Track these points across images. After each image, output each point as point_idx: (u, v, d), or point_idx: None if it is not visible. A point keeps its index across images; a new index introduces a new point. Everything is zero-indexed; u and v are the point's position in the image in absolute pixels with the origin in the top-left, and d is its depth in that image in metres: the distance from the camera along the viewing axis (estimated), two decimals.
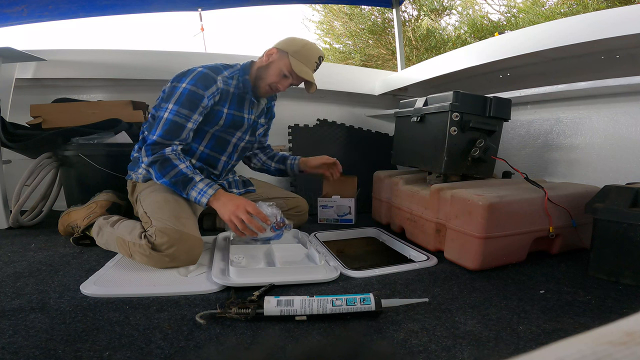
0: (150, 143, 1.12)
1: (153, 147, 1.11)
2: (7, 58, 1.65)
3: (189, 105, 1.13)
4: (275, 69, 1.22)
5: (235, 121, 1.27)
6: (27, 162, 1.49)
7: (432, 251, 1.19)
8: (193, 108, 1.14)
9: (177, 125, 1.13)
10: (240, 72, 1.26)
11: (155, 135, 1.13)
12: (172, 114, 1.13)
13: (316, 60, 1.24)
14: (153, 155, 1.11)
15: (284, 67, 1.21)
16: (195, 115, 1.15)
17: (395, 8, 2.54)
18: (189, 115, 1.14)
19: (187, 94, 1.13)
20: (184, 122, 1.13)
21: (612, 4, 5.29)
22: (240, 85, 1.25)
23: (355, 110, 2.39)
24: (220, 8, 2.41)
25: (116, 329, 0.71)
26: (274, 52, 1.22)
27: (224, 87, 1.21)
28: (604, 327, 0.17)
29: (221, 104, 1.23)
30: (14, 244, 1.26)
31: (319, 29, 7.84)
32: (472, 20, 6.95)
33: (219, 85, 1.19)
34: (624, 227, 0.91)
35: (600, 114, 1.39)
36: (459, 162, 1.24)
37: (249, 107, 1.30)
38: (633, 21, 1.03)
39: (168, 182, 1.11)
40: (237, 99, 1.26)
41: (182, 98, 1.13)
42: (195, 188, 1.10)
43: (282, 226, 1.17)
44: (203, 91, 1.14)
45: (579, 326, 0.74)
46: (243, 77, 1.25)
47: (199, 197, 1.10)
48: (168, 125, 1.12)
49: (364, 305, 0.75)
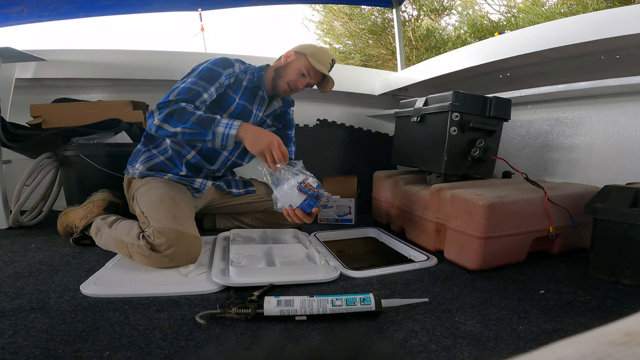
0: (162, 102, 1.09)
1: (166, 103, 1.09)
2: (7, 58, 1.65)
3: (207, 78, 1.17)
4: (294, 68, 1.28)
5: (243, 112, 1.29)
6: (27, 162, 1.49)
7: (432, 251, 1.19)
8: (211, 81, 1.17)
9: (194, 92, 1.13)
10: (256, 69, 1.32)
11: (167, 97, 1.11)
12: (190, 83, 1.14)
13: (330, 62, 1.31)
14: (168, 109, 1.07)
15: (303, 66, 1.27)
16: (212, 88, 1.17)
17: (395, 8, 2.54)
18: (206, 87, 1.16)
19: (207, 70, 1.18)
20: (201, 90, 1.15)
21: (612, 4, 5.29)
22: (255, 80, 1.30)
23: (355, 110, 2.39)
24: (220, 8, 2.41)
25: (116, 329, 0.71)
26: (291, 54, 1.30)
27: (239, 74, 1.27)
28: (604, 327, 0.17)
29: (234, 91, 1.26)
30: (14, 244, 1.26)
31: (319, 29, 7.85)
32: (472, 20, 6.95)
33: (236, 69, 1.25)
34: (624, 227, 0.91)
35: (600, 114, 1.39)
36: (459, 162, 1.24)
37: (259, 103, 1.33)
38: (633, 21, 1.03)
39: (190, 124, 1.05)
40: (249, 92, 1.30)
41: (202, 73, 1.17)
42: (220, 124, 1.07)
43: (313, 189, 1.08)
44: (222, 69, 1.20)
45: (579, 326, 0.74)
46: (259, 73, 1.31)
47: (227, 130, 1.06)
48: (185, 91, 1.12)
49: (364, 305, 0.75)
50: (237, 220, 1.48)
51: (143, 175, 1.24)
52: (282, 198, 1.10)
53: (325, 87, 1.35)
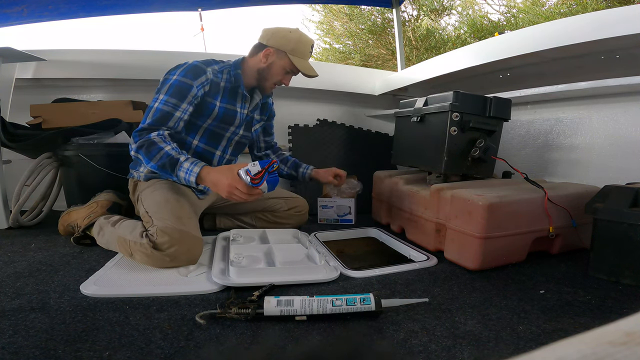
0: (137, 129, 1.12)
1: (140, 133, 1.11)
2: (7, 58, 1.65)
3: (178, 95, 1.14)
4: (277, 69, 1.25)
5: (227, 115, 1.27)
6: (27, 162, 1.49)
7: (432, 251, 1.19)
8: (182, 98, 1.15)
9: (164, 113, 1.13)
10: (232, 67, 1.28)
11: (144, 121, 1.13)
12: (161, 103, 1.13)
13: (310, 50, 1.28)
14: (140, 140, 1.10)
15: (287, 65, 1.24)
16: (184, 104, 1.15)
17: (395, 8, 2.54)
18: (177, 105, 1.14)
19: (177, 84, 1.15)
20: (172, 110, 1.14)
21: (612, 4, 5.29)
22: (232, 79, 1.26)
23: (355, 110, 2.39)
24: (220, 8, 2.41)
25: (116, 329, 0.71)
26: (271, 52, 1.24)
27: (214, 78, 1.22)
28: (604, 327, 0.17)
29: (213, 97, 1.23)
30: (14, 244, 1.26)
31: (319, 29, 7.85)
32: (472, 20, 6.95)
33: (209, 76, 1.20)
34: (624, 227, 0.91)
35: (600, 114, 1.39)
36: (459, 162, 1.24)
37: (242, 101, 1.31)
38: (633, 21, 1.03)
39: (156, 166, 1.08)
40: (228, 93, 1.27)
41: (172, 89, 1.14)
42: (182, 169, 1.07)
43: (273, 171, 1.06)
44: (192, 81, 1.16)
45: (579, 326, 0.74)
46: (235, 71, 1.27)
47: (187, 176, 1.07)
48: (157, 114, 1.13)
49: (364, 305, 0.75)
50: (237, 219, 1.48)
51: (148, 178, 1.24)
52: None
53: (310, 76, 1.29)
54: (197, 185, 1.08)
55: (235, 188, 1.02)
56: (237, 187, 1.02)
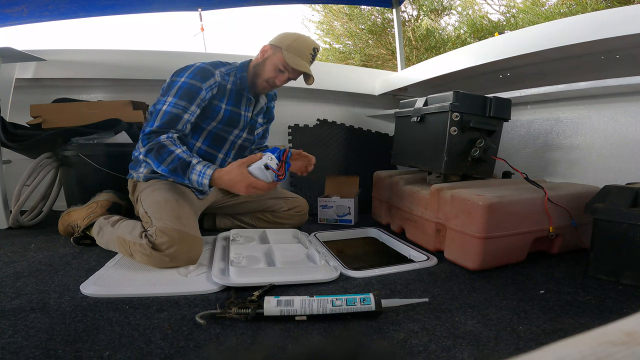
0: (146, 133, 1.11)
1: (149, 136, 1.11)
2: (7, 58, 1.65)
3: (187, 97, 1.14)
4: (270, 65, 1.23)
5: (232, 117, 1.27)
6: (27, 162, 1.49)
7: (432, 251, 1.19)
8: (191, 100, 1.15)
9: (173, 116, 1.12)
10: (238, 69, 1.28)
11: (152, 123, 1.12)
12: (170, 106, 1.13)
13: (311, 52, 1.24)
14: (149, 144, 1.09)
15: (279, 62, 1.22)
16: (193, 106, 1.15)
17: (395, 8, 2.54)
18: (187, 107, 1.14)
19: (186, 87, 1.14)
20: (181, 113, 1.13)
21: (612, 4, 5.29)
22: (238, 82, 1.26)
23: (355, 110, 2.39)
24: (220, 8, 2.41)
25: (116, 329, 0.71)
26: (267, 48, 1.24)
27: (222, 81, 1.22)
28: (604, 327, 0.17)
29: (219, 99, 1.23)
30: (14, 244, 1.26)
31: (319, 29, 7.84)
32: (472, 20, 6.95)
33: (217, 78, 1.20)
34: (624, 227, 0.91)
35: (600, 114, 1.39)
36: (459, 162, 1.24)
37: (246, 104, 1.30)
38: (633, 21, 1.03)
39: (167, 169, 1.08)
40: (234, 96, 1.27)
41: (181, 91, 1.14)
42: (194, 171, 1.07)
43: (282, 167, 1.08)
44: (201, 83, 1.16)
45: (579, 326, 0.74)
46: (241, 73, 1.26)
47: (199, 179, 1.07)
48: (166, 116, 1.12)
49: (364, 305, 0.75)
50: (237, 220, 1.48)
51: (148, 178, 1.24)
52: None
53: (308, 80, 1.27)
54: (210, 187, 1.08)
55: (253, 188, 1.05)
56: (256, 187, 1.05)
